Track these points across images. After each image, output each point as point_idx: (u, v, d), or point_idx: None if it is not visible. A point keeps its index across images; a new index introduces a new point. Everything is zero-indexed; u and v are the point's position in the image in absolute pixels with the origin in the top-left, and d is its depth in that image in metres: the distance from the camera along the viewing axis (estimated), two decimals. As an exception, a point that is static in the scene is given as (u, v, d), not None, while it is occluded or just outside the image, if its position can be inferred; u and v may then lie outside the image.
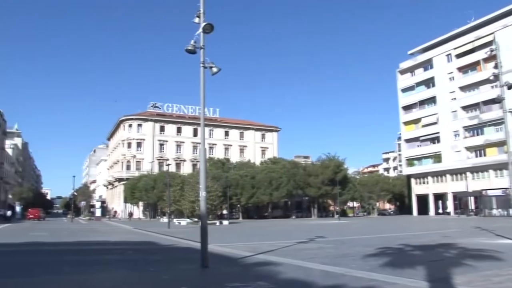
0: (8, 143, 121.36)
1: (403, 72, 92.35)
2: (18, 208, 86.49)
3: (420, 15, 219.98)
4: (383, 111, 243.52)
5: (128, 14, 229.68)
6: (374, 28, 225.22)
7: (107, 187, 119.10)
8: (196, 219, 51.65)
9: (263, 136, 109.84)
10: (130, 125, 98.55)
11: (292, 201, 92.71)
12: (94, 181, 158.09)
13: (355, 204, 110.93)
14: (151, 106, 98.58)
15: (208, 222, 14.47)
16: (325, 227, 44.09)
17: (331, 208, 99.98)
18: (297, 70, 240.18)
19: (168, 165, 69.79)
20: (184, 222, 55.37)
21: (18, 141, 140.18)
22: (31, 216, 75.78)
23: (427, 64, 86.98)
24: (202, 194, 13.49)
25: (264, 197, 77.75)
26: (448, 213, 78.79)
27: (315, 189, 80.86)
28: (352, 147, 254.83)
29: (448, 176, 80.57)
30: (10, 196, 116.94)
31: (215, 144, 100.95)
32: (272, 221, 66.46)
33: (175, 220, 57.65)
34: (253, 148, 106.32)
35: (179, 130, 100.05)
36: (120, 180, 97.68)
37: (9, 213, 78.96)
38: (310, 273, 11.46)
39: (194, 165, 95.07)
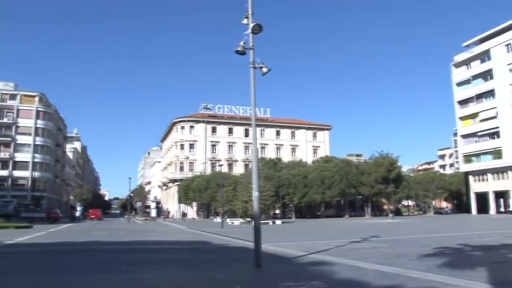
0: (68, 147, 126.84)
1: (458, 65, 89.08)
2: (79, 209, 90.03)
3: (474, 5, 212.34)
4: (437, 107, 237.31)
5: (179, 18, 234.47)
6: (427, 21, 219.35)
7: (162, 188, 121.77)
8: (249, 219, 51.87)
9: (314, 135, 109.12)
10: (182, 127, 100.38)
11: (345, 200, 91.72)
12: (149, 183, 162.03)
13: (410, 203, 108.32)
14: (203, 107, 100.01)
15: (261, 221, 14.48)
16: (379, 226, 43.24)
17: (385, 207, 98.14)
18: (348, 67, 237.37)
19: (220, 165, 70.52)
20: (237, 222, 55.72)
21: (77, 145, 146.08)
22: (92, 216, 79.04)
23: (484, 56, 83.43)
24: (255, 194, 13.52)
25: (316, 196, 77.29)
26: (511, 212, 75.36)
27: (368, 188, 79.63)
28: (405, 144, 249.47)
29: (509, 173, 76.97)
30: (71, 197, 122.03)
31: (267, 144, 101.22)
32: (325, 221, 65.86)
33: (228, 220, 58.13)
34: (304, 147, 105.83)
35: (230, 131, 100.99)
36: (174, 181, 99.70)
37: (78, 213, 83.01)
38: (364, 273, 11.27)
39: (246, 165, 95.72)
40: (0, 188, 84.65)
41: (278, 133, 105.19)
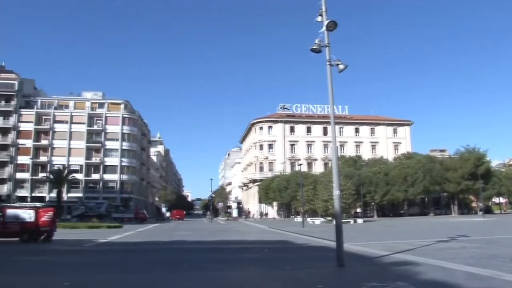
0: (152, 150, 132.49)
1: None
2: (164, 210, 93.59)
3: None
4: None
5: (257, 18, 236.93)
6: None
7: (242, 189, 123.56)
8: (330, 218, 51.46)
9: (395, 131, 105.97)
10: (261, 128, 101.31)
11: (429, 197, 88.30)
12: (229, 183, 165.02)
13: (502, 200, 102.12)
14: (280, 107, 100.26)
15: (342, 220, 14.33)
16: (467, 224, 41.22)
17: (474, 204, 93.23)
18: (428, 60, 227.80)
19: (299, 165, 70.44)
20: (318, 221, 55.44)
21: (160, 148, 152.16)
22: (177, 216, 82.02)
23: None
24: (336, 192, 13.44)
25: (399, 194, 75.06)
26: None
27: (454, 185, 76.08)
28: (494, 137, 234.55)
29: None
30: (156, 199, 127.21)
31: (346, 142, 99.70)
32: (408, 219, 63.86)
33: (309, 219, 57.94)
34: (385, 144, 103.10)
35: (308, 130, 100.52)
36: (254, 181, 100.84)
37: (168, 214, 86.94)
38: (452, 274, 10.82)
39: (325, 164, 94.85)
40: (92, 191, 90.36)
41: (357, 130, 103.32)
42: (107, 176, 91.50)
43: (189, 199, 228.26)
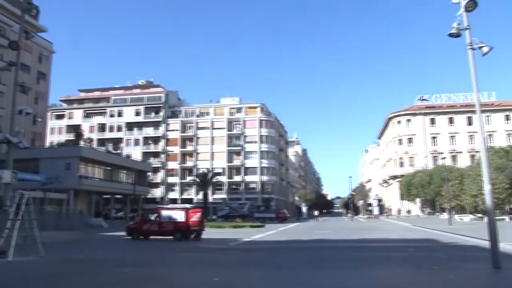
0: (290, 151, 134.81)
1: None
2: (304, 209, 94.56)
3: None
4: None
5: (383, 8, 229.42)
6: None
7: (382, 185, 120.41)
8: (480, 215, 48.00)
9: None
10: (399, 122, 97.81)
11: None
12: (369, 180, 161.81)
13: None
14: (418, 99, 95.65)
15: (495, 217, 13.10)
16: None
17: None
18: None
19: (443, 158, 66.77)
20: (466, 218, 51.92)
21: (298, 148, 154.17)
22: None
23: None
24: (487, 187, 12.36)
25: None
26: None
27: None
28: None
29: None
30: (296, 198, 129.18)
31: (495, 131, 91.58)
32: None
33: (456, 216, 54.50)
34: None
35: (451, 121, 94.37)
36: (394, 177, 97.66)
37: (316, 212, 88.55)
38: None
39: (472, 156, 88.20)
40: (235, 192, 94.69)
41: (507, 117, 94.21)
42: (248, 178, 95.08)
43: (329, 198, 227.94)
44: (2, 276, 12.00)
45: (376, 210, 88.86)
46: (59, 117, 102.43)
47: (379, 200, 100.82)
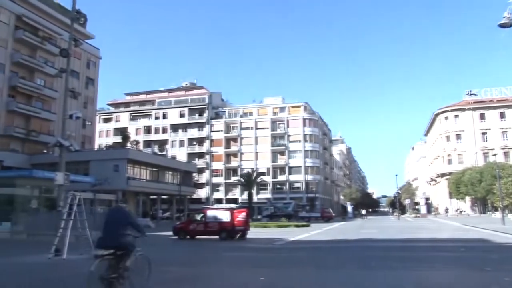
0: (334, 149, 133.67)
1: None
2: (349, 208, 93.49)
3: None
4: None
5: (429, 2, 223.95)
6: None
7: (430, 183, 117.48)
8: (535, 213, 46.01)
9: None
10: (446, 118, 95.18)
11: None
12: (415, 179, 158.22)
13: None
14: (467, 94, 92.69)
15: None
16: None
17: None
18: None
19: (494, 155, 64.46)
20: (521, 217, 50.02)
21: (342, 147, 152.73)
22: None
23: None
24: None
25: None
26: None
27: None
28: None
29: None
30: (341, 197, 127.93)
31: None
32: None
33: (509, 215, 52.50)
34: None
35: (502, 116, 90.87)
36: (442, 175, 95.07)
37: (363, 211, 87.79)
38: None
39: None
40: (280, 192, 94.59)
41: None
42: (292, 177, 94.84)
43: (375, 196, 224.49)
44: (58, 272, 12.79)
45: (423, 209, 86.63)
46: (107, 120, 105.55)
47: (427, 199, 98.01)
